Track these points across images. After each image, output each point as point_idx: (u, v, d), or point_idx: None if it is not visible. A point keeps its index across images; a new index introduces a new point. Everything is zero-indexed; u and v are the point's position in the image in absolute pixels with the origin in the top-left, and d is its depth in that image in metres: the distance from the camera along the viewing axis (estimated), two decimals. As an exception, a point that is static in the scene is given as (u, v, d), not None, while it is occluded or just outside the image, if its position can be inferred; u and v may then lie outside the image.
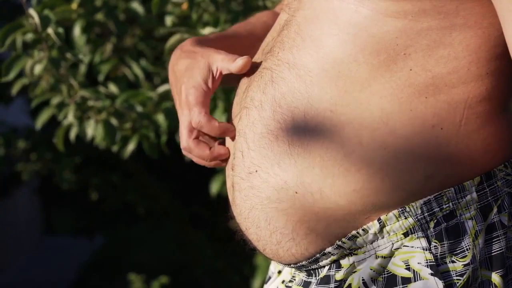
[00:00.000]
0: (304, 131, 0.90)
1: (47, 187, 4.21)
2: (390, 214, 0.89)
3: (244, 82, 1.02)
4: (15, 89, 1.60)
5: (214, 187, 2.09)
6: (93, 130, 1.58)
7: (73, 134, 1.62)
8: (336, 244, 0.91)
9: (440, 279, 0.87)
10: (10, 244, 4.24)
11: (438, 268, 0.88)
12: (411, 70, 0.88)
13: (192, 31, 1.46)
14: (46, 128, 1.78)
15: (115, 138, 1.58)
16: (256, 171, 0.93)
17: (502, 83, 0.91)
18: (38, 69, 1.48)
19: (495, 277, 0.91)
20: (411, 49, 0.87)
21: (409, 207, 0.89)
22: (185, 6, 1.53)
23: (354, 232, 0.90)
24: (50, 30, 1.41)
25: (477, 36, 0.88)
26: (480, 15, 0.88)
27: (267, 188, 0.92)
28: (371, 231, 0.90)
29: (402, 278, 0.89)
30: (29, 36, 1.44)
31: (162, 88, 1.62)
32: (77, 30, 1.63)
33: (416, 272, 0.88)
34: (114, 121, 1.58)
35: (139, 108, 1.60)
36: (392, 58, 0.88)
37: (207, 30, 1.48)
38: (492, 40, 0.89)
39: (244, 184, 0.95)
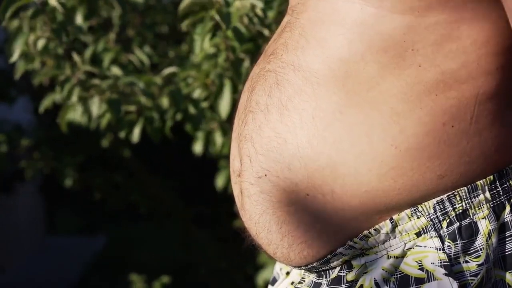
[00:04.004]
0: (313, 133, 0.89)
1: (50, 186, 4.21)
2: (403, 213, 0.88)
3: (247, 86, 1.00)
4: (18, 74, 1.60)
5: (220, 182, 2.08)
6: (97, 108, 1.56)
7: (78, 113, 1.60)
8: (348, 245, 0.90)
9: (455, 279, 0.86)
10: (11, 244, 4.23)
11: (452, 268, 0.87)
12: (420, 66, 0.86)
13: None
14: (49, 126, 1.77)
15: (119, 113, 1.55)
16: (266, 175, 0.92)
17: None
18: (41, 44, 1.47)
19: (509, 277, 0.90)
20: (419, 44, 0.86)
21: (421, 207, 0.88)
22: None
23: (365, 232, 0.89)
24: (52, 1, 1.40)
25: (486, 30, 0.87)
26: (488, 8, 0.87)
27: (278, 192, 0.91)
28: (383, 231, 0.89)
29: (416, 278, 0.87)
30: (29, 12, 1.43)
31: (166, 71, 1.60)
32: (79, 18, 1.62)
33: (430, 272, 0.87)
34: (115, 96, 1.55)
35: (142, 85, 1.58)
36: (400, 54, 0.86)
37: None
38: (501, 33, 0.88)
39: (253, 189, 0.94)
